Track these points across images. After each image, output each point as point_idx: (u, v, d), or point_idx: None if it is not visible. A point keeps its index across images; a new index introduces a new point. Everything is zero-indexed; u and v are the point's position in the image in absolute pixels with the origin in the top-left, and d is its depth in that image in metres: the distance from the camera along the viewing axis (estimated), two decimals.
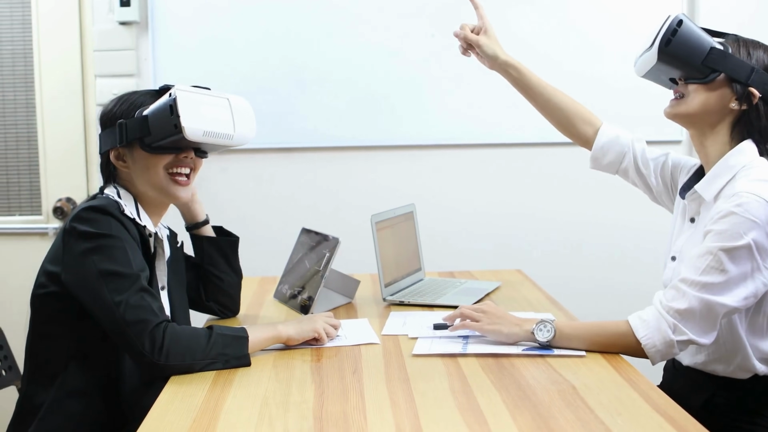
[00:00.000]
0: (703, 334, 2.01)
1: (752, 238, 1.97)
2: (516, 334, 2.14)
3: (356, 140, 3.89)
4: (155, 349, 1.94)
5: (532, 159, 3.94)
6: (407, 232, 2.96)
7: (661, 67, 2.15)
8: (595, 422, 1.64)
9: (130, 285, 1.99)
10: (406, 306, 2.66)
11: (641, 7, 3.84)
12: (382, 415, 1.70)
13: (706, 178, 2.16)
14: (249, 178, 3.86)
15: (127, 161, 2.17)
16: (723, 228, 2.00)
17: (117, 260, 2.00)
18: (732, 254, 1.98)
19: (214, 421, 1.69)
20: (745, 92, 2.11)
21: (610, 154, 2.51)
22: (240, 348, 2.05)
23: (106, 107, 2.21)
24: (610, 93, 3.71)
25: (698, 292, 2.00)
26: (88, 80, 3.83)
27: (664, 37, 2.11)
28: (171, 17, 3.81)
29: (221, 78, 3.77)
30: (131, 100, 2.17)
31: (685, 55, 2.11)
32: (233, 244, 2.50)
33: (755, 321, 2.12)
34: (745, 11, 3.88)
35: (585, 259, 3.95)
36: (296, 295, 2.65)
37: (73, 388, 2.06)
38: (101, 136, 2.21)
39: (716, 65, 2.10)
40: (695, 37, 2.11)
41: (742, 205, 1.99)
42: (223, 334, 2.04)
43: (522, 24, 3.85)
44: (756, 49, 2.15)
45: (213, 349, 2.00)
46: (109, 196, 2.14)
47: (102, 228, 2.01)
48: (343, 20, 3.84)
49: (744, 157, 2.12)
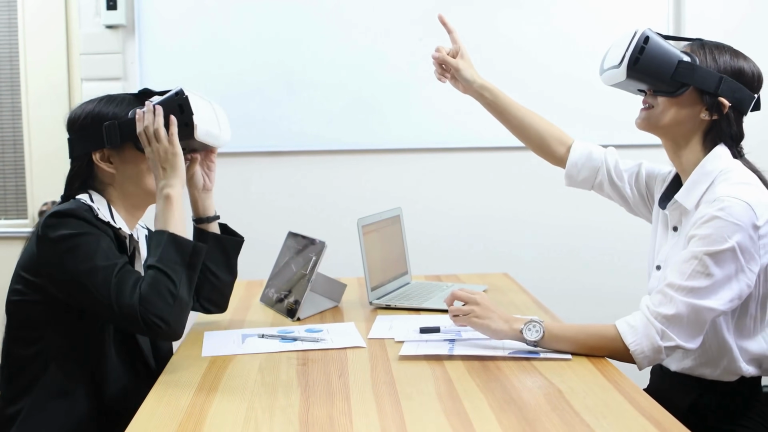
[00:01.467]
0: (690, 339, 2.02)
1: (736, 241, 1.98)
2: (504, 332, 2.13)
3: (343, 144, 3.89)
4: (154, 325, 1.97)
5: (519, 163, 3.94)
6: (394, 235, 2.95)
7: (630, 81, 2.16)
8: (580, 425, 1.64)
9: (110, 274, 1.98)
10: (393, 310, 2.66)
11: (627, 10, 3.85)
12: (368, 419, 1.70)
13: (685, 187, 2.17)
14: (236, 181, 3.86)
15: (114, 162, 2.16)
16: (707, 232, 2.01)
17: (93, 256, 1.99)
18: (717, 258, 1.99)
19: (199, 425, 1.69)
20: (714, 103, 2.13)
21: (584, 170, 2.53)
22: (183, 248, 2.07)
23: (81, 110, 2.19)
24: (596, 96, 3.71)
25: (685, 296, 2.00)
26: (75, 83, 3.82)
27: (632, 56, 2.10)
28: (158, 20, 3.80)
29: (208, 81, 3.77)
30: (114, 103, 2.17)
31: (653, 71, 2.11)
32: (238, 245, 2.47)
33: (742, 323, 2.13)
34: (732, 18, 3.90)
35: (571, 262, 3.96)
36: (283, 298, 2.65)
37: (56, 389, 2.05)
38: (76, 139, 2.18)
39: (685, 79, 2.11)
40: (663, 53, 2.11)
41: (724, 209, 2.00)
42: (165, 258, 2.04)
43: (510, 27, 3.86)
44: (721, 53, 2.15)
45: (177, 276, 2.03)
46: (80, 200, 2.12)
47: (72, 228, 2.01)
48: (331, 24, 3.85)
49: (720, 162, 2.13)
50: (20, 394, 2.06)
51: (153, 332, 2.00)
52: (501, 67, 3.87)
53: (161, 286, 2.00)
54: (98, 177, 2.19)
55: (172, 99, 2.16)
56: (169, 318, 1.99)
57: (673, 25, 3.87)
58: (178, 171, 2.14)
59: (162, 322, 1.98)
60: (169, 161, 2.13)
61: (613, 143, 3.79)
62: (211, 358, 2.14)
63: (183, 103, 2.15)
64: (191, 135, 2.16)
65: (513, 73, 3.87)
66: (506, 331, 2.13)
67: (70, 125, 2.20)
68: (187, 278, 2.06)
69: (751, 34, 3.89)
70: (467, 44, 3.87)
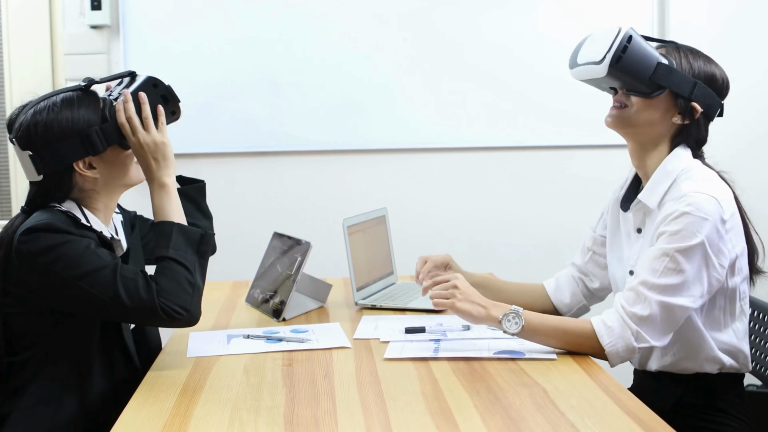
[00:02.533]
0: (663, 337, 2.06)
1: (705, 235, 2.02)
2: (483, 318, 2.13)
3: (328, 144, 3.89)
4: (175, 314, 1.99)
5: (504, 163, 3.95)
6: (379, 235, 2.96)
7: (606, 79, 2.15)
8: (565, 425, 1.65)
9: (111, 274, 1.97)
10: (378, 310, 2.66)
11: (611, 16, 3.86)
12: (353, 419, 1.70)
13: (647, 187, 2.19)
14: (221, 182, 3.85)
15: (97, 167, 2.10)
16: (676, 228, 2.04)
17: (84, 260, 1.97)
18: (687, 254, 2.02)
19: (184, 426, 1.68)
20: (688, 107, 2.15)
21: (565, 292, 2.55)
22: (191, 236, 2.09)
23: (43, 122, 2.05)
24: (579, 96, 3.72)
25: (658, 295, 2.03)
26: (59, 84, 3.81)
27: (615, 53, 2.09)
28: (143, 21, 3.79)
29: (193, 82, 3.76)
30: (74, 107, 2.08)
31: (633, 71, 2.11)
32: (201, 190, 2.43)
33: (711, 315, 2.16)
34: (715, 24, 3.92)
35: (556, 262, 3.95)
36: (268, 299, 2.64)
37: (44, 394, 2.04)
38: (49, 155, 2.04)
39: (662, 81, 2.12)
40: (643, 53, 2.12)
41: (692, 204, 2.03)
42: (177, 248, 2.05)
43: (494, 28, 3.87)
44: (696, 58, 2.18)
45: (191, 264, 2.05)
46: (55, 209, 2.06)
47: (51, 240, 1.97)
48: (316, 24, 3.84)
49: (681, 162, 2.16)
50: (9, 398, 2.05)
51: (173, 321, 2.01)
52: (483, 66, 3.88)
53: (180, 276, 2.02)
54: (77, 185, 2.11)
55: (150, 89, 2.13)
56: (189, 305, 2.01)
57: (658, 30, 3.88)
58: (169, 160, 2.14)
59: (183, 310, 2.00)
60: (160, 151, 2.12)
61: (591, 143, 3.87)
62: (197, 358, 2.14)
63: (166, 93, 2.15)
64: (174, 120, 2.17)
65: (495, 73, 3.88)
66: (485, 318, 2.13)
67: (31, 140, 2.05)
68: (200, 266, 2.08)
69: (735, 40, 3.91)
70: (451, 44, 3.89)
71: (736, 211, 2.12)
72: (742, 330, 2.18)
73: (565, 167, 3.98)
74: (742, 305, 2.18)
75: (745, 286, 2.19)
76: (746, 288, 2.20)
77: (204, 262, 2.11)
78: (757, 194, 3.81)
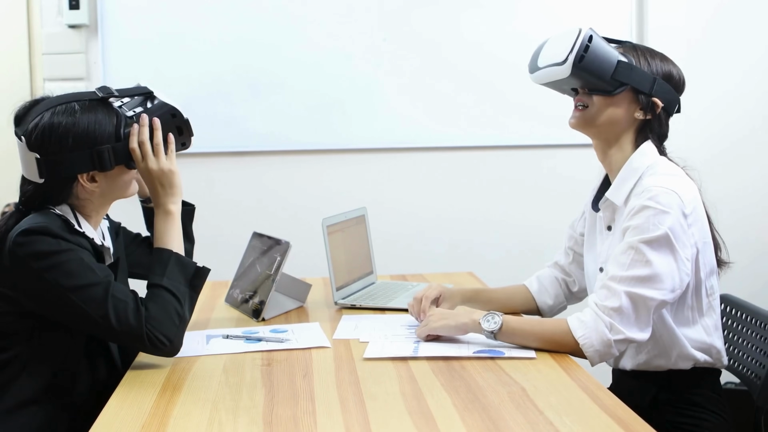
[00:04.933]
0: (639, 330, 2.06)
1: (668, 227, 2.04)
2: (464, 324, 2.17)
3: (307, 144, 3.89)
4: (158, 343, 2.00)
5: (484, 162, 3.97)
6: (359, 235, 2.96)
7: (569, 79, 2.17)
8: (544, 423, 1.65)
9: (103, 292, 1.97)
10: (358, 309, 2.66)
11: (588, 13, 3.87)
12: (332, 418, 1.70)
13: (614, 184, 2.22)
14: (200, 181, 3.84)
15: (99, 180, 2.09)
16: (639, 222, 2.07)
17: (78, 273, 1.97)
18: (652, 244, 2.05)
19: (163, 426, 1.68)
20: (649, 103, 2.19)
21: (548, 293, 2.56)
22: (187, 269, 2.10)
23: (52, 129, 2.03)
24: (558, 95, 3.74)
25: (627, 287, 2.05)
26: (37, 84, 3.80)
27: (577, 54, 2.11)
28: (121, 20, 3.78)
29: (172, 82, 3.75)
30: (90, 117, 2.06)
31: (596, 70, 2.14)
32: (190, 214, 2.47)
33: (681, 313, 2.18)
34: (694, 28, 3.94)
35: (535, 261, 3.96)
36: (248, 299, 2.64)
37: (26, 397, 2.03)
38: (56, 162, 2.03)
39: (624, 78, 2.15)
40: (604, 52, 2.15)
41: (653, 198, 2.07)
42: (172, 278, 2.07)
43: (473, 28, 3.88)
44: (653, 57, 2.22)
45: (182, 296, 2.06)
46: (51, 212, 2.06)
47: (49, 246, 1.97)
48: (294, 24, 3.84)
49: (647, 159, 2.19)
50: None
51: (156, 349, 2.02)
52: (463, 66, 3.89)
53: (170, 307, 2.03)
54: (74, 193, 2.10)
55: (167, 118, 2.15)
56: (173, 337, 2.03)
57: (636, 35, 3.90)
58: (176, 188, 2.16)
59: (167, 340, 2.01)
60: (167, 178, 2.14)
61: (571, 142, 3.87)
62: (175, 358, 2.12)
63: (182, 125, 2.17)
64: (183, 150, 2.20)
65: (474, 72, 3.89)
66: (467, 324, 2.17)
67: (42, 145, 2.03)
68: (190, 299, 2.10)
69: (714, 42, 3.93)
70: (430, 44, 3.89)
71: (698, 206, 2.14)
72: (711, 325, 2.20)
73: (545, 166, 3.99)
74: (710, 301, 2.20)
75: (712, 282, 2.21)
76: (714, 283, 2.22)
77: (195, 296, 2.12)
78: (737, 193, 3.88)
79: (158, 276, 2.07)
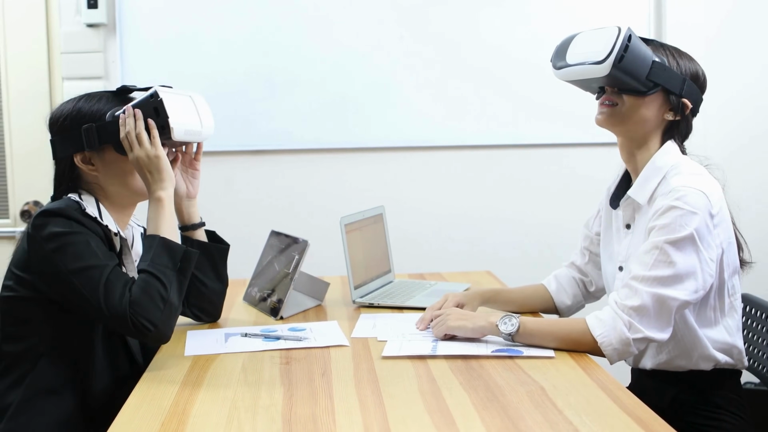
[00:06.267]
0: (659, 330, 2.05)
1: (694, 228, 2.03)
2: (482, 327, 2.16)
3: (325, 142, 3.89)
4: (143, 328, 2.00)
5: (501, 160, 3.95)
6: (377, 234, 2.96)
7: (604, 78, 2.14)
8: (563, 423, 1.65)
9: (99, 275, 1.99)
10: (376, 308, 2.66)
11: (608, 16, 3.85)
12: (351, 417, 1.70)
13: (637, 183, 2.21)
14: (218, 180, 3.85)
15: (95, 164, 2.16)
16: (666, 222, 2.05)
17: (83, 255, 2.01)
18: (677, 245, 2.03)
19: (182, 424, 1.68)
20: (679, 104, 2.18)
21: (566, 293, 2.56)
22: (174, 252, 2.10)
23: (60, 111, 2.18)
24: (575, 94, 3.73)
25: (650, 287, 2.03)
26: (56, 83, 3.81)
27: (618, 53, 2.08)
28: (139, 19, 3.79)
29: (190, 80, 3.76)
30: (92, 102, 2.17)
31: (633, 70, 2.11)
32: (223, 252, 2.46)
33: (703, 314, 2.17)
34: (712, 24, 3.91)
35: (554, 259, 3.95)
36: (266, 297, 2.64)
37: (44, 385, 2.05)
38: (58, 141, 2.18)
39: (657, 79, 2.13)
40: (641, 52, 2.12)
41: (680, 198, 2.05)
42: (157, 262, 2.07)
43: (490, 26, 3.87)
44: (680, 57, 2.21)
45: (168, 280, 2.06)
46: (69, 197, 2.13)
47: (61, 227, 2.01)
48: (312, 23, 3.84)
49: (670, 158, 2.18)
50: (9, 389, 2.06)
51: (141, 335, 2.02)
52: (480, 64, 3.88)
53: (152, 290, 2.02)
54: (83, 178, 2.19)
55: (147, 102, 2.16)
56: (158, 321, 2.01)
57: (654, 30, 3.88)
58: (164, 174, 2.15)
59: (151, 324, 2.00)
60: (153, 165, 2.14)
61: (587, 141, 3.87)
62: (194, 357, 2.14)
63: (158, 105, 2.15)
64: (169, 137, 2.17)
65: (492, 71, 3.88)
66: (484, 326, 2.16)
67: (51, 126, 2.20)
68: (177, 283, 2.08)
69: (732, 39, 3.91)
70: (448, 42, 3.89)
71: (724, 205, 2.14)
72: (733, 326, 2.19)
73: (562, 165, 3.98)
74: (732, 301, 2.19)
75: (734, 282, 2.20)
76: (736, 283, 2.21)
77: (183, 279, 2.11)
78: (755, 191, 3.86)
79: (144, 261, 2.07)
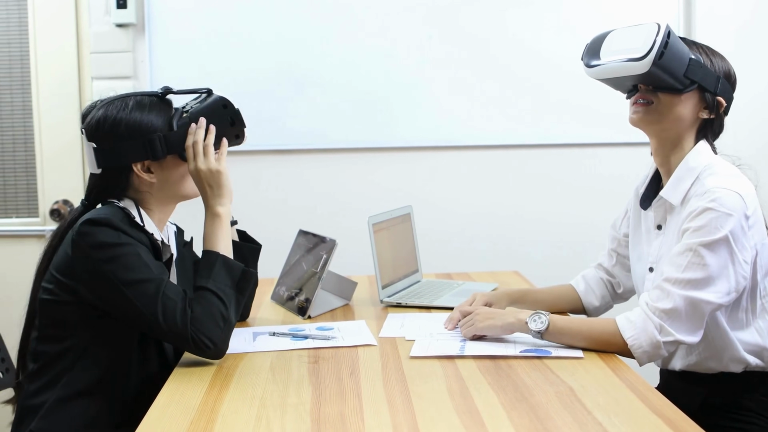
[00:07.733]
0: (690, 333, 2.04)
1: (729, 230, 2.01)
2: (511, 324, 2.16)
3: (353, 142, 3.89)
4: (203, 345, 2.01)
5: (529, 160, 3.94)
6: (404, 233, 2.95)
7: (643, 75, 2.10)
8: (592, 423, 1.64)
9: (155, 290, 2.01)
10: (404, 308, 2.66)
11: (637, 10, 3.84)
12: (379, 416, 1.70)
13: (670, 184, 2.19)
14: (246, 180, 3.86)
15: (154, 171, 2.15)
16: (700, 224, 2.03)
17: (134, 267, 2.01)
18: (711, 248, 2.02)
19: (211, 423, 1.69)
20: (714, 102, 2.16)
21: (594, 294, 2.55)
22: (233, 271, 2.12)
23: (106, 118, 2.12)
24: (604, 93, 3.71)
25: (682, 290, 2.02)
26: (85, 82, 3.83)
27: (658, 50, 2.05)
28: (168, 19, 3.80)
29: (218, 80, 3.76)
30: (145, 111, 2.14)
31: (672, 67, 2.09)
32: (255, 252, 2.46)
33: (735, 315, 2.15)
34: (741, 15, 3.88)
35: (582, 260, 3.93)
36: (293, 297, 2.65)
37: (79, 387, 2.06)
38: (110, 150, 2.12)
39: (694, 76, 2.11)
40: (679, 49, 2.10)
41: (716, 200, 2.03)
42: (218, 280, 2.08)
43: (519, 25, 3.86)
44: (714, 54, 2.19)
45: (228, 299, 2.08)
46: (114, 204, 2.13)
47: (110, 238, 2.02)
48: (340, 22, 3.84)
49: (703, 158, 2.16)
50: (44, 388, 2.08)
51: (200, 351, 2.04)
52: (509, 64, 3.87)
53: (214, 309, 2.04)
54: (133, 185, 2.16)
55: (221, 111, 2.19)
56: (217, 340, 2.04)
57: (684, 23, 3.86)
58: (224, 189, 2.18)
59: (211, 342, 2.02)
60: (215, 179, 2.16)
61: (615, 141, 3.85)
62: None
63: (233, 115, 2.21)
64: (238, 144, 2.24)
65: (520, 70, 3.87)
66: (513, 324, 2.16)
67: (94, 133, 2.14)
68: (236, 301, 2.10)
69: (761, 31, 3.87)
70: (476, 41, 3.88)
71: (758, 206, 2.11)
72: (765, 328, 2.17)
73: (590, 165, 3.96)
74: (764, 303, 2.17)
75: (766, 283, 2.17)
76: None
77: (241, 298, 2.13)
78: None
79: (204, 278, 2.09)
